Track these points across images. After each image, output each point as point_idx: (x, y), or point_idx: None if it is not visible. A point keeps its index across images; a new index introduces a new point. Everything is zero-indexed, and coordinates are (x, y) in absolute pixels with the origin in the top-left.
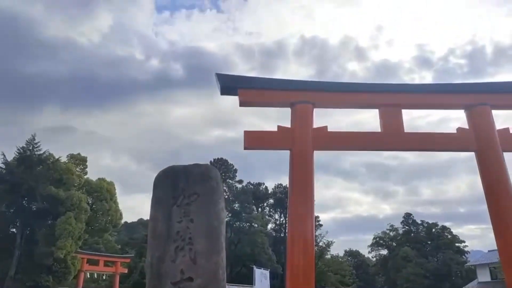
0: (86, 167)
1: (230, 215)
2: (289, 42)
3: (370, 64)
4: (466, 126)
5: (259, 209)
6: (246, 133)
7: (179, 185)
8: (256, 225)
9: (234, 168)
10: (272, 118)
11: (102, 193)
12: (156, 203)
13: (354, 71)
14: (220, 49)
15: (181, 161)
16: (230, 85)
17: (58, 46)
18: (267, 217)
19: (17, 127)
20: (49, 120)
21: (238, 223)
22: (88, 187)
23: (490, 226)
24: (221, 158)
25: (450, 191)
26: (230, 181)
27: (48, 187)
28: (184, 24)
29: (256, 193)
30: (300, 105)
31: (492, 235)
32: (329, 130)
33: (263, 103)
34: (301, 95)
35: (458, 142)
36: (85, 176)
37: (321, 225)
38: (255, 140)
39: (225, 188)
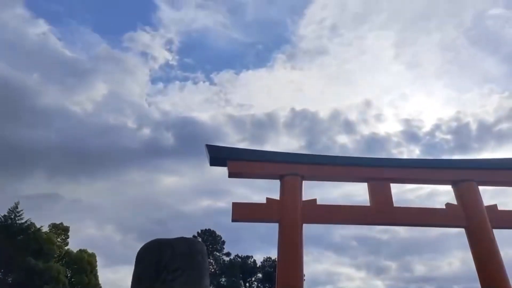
0: (68, 237)
1: None
2: (280, 114)
3: (360, 137)
4: (455, 202)
5: (247, 284)
6: (234, 205)
7: (162, 260)
8: None
9: (221, 240)
10: (263, 189)
11: (82, 265)
12: (137, 280)
13: (344, 143)
14: (212, 119)
15: (168, 231)
16: (219, 156)
17: (51, 115)
18: None
19: (3, 194)
20: (36, 187)
21: None
22: (68, 259)
23: None
24: (209, 229)
25: (443, 268)
26: (217, 253)
27: (27, 258)
28: (177, 95)
29: (244, 267)
30: (289, 177)
31: None
32: (318, 203)
33: (252, 174)
34: (290, 168)
35: (447, 218)
36: (66, 247)
37: None
38: (243, 212)
39: (211, 261)
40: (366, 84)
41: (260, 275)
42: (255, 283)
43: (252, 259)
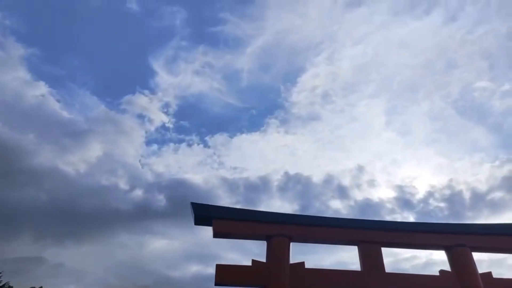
0: None
1: None
2: (273, 178)
3: (353, 203)
4: (449, 269)
5: None
6: (218, 267)
7: None
8: None
9: None
10: (253, 255)
11: None
12: None
13: (337, 208)
14: (205, 182)
15: None
16: (204, 214)
17: (43, 175)
18: None
19: None
20: (20, 250)
21: None
22: None
23: None
24: None
25: None
26: None
27: None
28: (171, 157)
29: None
30: (277, 238)
31: None
32: (306, 266)
33: (238, 235)
34: (278, 228)
35: (441, 285)
36: None
37: None
38: (228, 276)
39: None
40: (358, 149)
41: None
42: None
43: None
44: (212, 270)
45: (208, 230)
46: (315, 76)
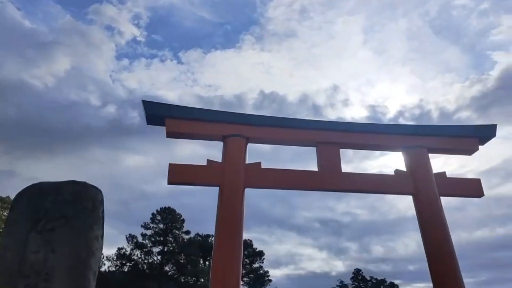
0: None
1: (174, 268)
2: (249, 96)
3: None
4: (404, 169)
5: (207, 262)
6: (171, 166)
7: (42, 206)
8: (202, 279)
9: (181, 218)
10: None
11: None
12: (8, 228)
13: None
14: (179, 99)
15: (130, 212)
16: (156, 113)
17: (10, 88)
18: None
19: None
20: None
21: (183, 277)
22: None
23: None
24: (168, 207)
25: (399, 249)
26: (177, 231)
27: None
28: (143, 73)
29: (204, 245)
30: (232, 139)
31: None
32: (263, 166)
33: (193, 135)
34: (234, 129)
35: (395, 184)
36: None
37: (270, 281)
38: (181, 175)
39: (171, 239)
40: (334, 68)
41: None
42: None
43: (213, 238)
44: (187, 186)
45: (184, 147)
46: None
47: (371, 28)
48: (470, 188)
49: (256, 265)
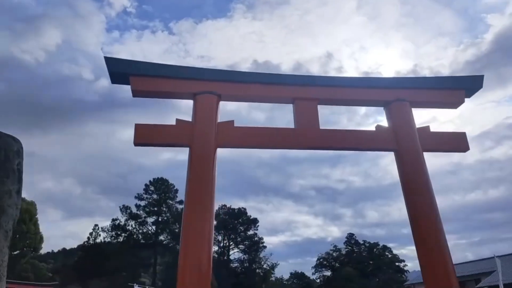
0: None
1: (169, 237)
2: (242, 66)
3: None
4: (386, 124)
5: None
6: (138, 127)
7: None
8: None
9: (174, 188)
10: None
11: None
12: None
13: None
14: None
15: (128, 184)
16: (120, 71)
17: (0, 64)
18: None
19: None
20: None
21: (178, 246)
22: None
23: None
24: (161, 178)
25: (393, 213)
26: (170, 201)
27: None
28: (135, 45)
29: None
30: (203, 96)
31: None
32: (236, 125)
33: (161, 93)
34: (205, 86)
35: (377, 140)
36: None
37: (264, 247)
38: (148, 135)
39: (164, 209)
40: (328, 35)
41: (214, 222)
42: None
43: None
44: (182, 157)
45: (180, 115)
46: None
47: None
48: (455, 142)
49: (250, 232)
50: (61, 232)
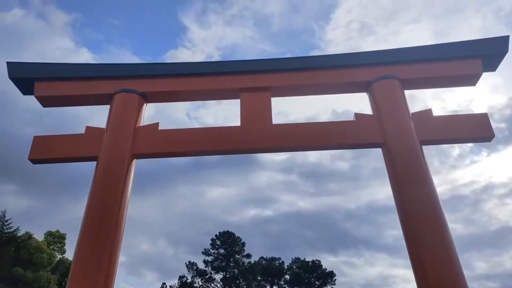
0: (64, 245)
1: None
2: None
3: None
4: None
5: (274, 287)
6: (36, 139)
7: None
8: None
9: (241, 241)
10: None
11: None
12: None
13: None
14: None
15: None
16: (23, 77)
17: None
18: None
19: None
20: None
21: None
22: (62, 267)
23: None
24: (227, 231)
25: (506, 263)
26: (237, 256)
27: (14, 268)
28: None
29: (268, 269)
30: (120, 95)
31: None
32: (161, 128)
33: (71, 98)
34: (123, 84)
35: (355, 133)
36: (61, 255)
37: None
38: (48, 149)
39: (232, 264)
40: None
41: (287, 276)
42: (284, 285)
43: (280, 261)
44: (268, 213)
45: (261, 177)
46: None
47: (441, 32)
48: (472, 128)
49: (328, 287)
50: None
